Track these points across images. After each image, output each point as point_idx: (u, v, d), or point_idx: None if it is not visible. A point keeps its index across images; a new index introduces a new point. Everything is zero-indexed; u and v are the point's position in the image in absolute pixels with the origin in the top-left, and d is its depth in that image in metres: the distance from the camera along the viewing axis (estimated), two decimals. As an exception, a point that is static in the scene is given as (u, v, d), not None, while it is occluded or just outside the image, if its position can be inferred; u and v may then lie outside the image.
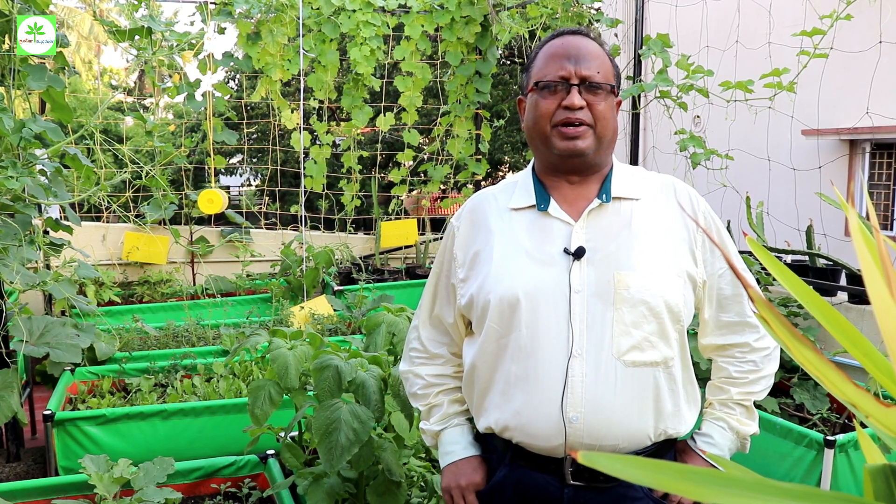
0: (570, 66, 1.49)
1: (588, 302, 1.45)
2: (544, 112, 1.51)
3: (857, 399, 0.57)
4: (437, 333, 1.73)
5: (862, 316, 3.50)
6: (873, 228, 0.61)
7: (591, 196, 1.54)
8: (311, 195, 6.36)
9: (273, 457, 2.94)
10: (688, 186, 1.59)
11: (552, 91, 1.50)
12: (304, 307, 4.97)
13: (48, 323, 3.59)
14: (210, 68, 5.63)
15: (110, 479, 2.39)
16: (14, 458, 3.60)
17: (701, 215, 1.55)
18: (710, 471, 0.56)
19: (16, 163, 3.13)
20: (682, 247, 1.51)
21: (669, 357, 1.47)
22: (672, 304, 1.45)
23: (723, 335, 1.58)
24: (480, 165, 6.60)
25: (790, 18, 5.13)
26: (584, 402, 1.42)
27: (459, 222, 1.66)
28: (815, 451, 2.71)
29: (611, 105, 1.52)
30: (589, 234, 1.49)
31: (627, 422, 1.44)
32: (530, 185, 1.58)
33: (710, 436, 1.58)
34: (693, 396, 1.56)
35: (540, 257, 1.49)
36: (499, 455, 1.57)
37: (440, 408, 1.70)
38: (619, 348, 1.43)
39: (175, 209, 5.79)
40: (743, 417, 1.59)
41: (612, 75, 1.54)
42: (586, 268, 1.46)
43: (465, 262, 1.61)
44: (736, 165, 4.20)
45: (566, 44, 1.52)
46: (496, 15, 5.70)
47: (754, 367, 1.57)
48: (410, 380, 1.75)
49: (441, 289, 1.70)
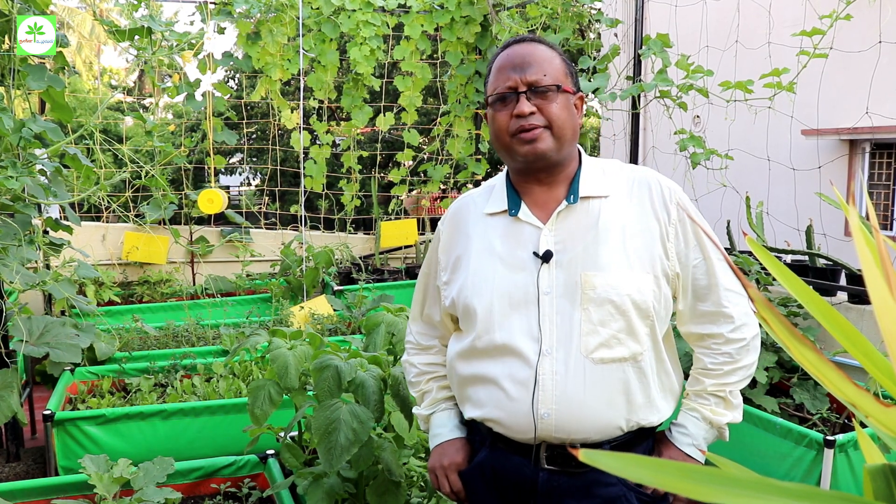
0: (516, 74, 1.54)
1: (556, 303, 1.51)
2: (501, 125, 1.56)
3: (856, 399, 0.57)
4: (428, 328, 1.84)
5: (862, 316, 3.50)
6: (873, 228, 0.61)
7: (560, 197, 1.58)
8: (310, 195, 6.36)
9: (273, 457, 2.95)
10: (660, 177, 1.60)
11: (504, 103, 1.56)
12: (303, 307, 4.97)
13: (48, 323, 3.59)
14: (210, 68, 5.64)
15: (110, 479, 2.39)
16: (14, 457, 3.60)
17: (674, 207, 1.56)
18: (711, 470, 0.56)
19: (16, 163, 3.13)
20: (653, 241, 1.53)
21: (638, 352, 1.51)
22: (639, 301, 1.49)
23: (700, 325, 1.60)
24: (480, 165, 6.60)
25: (790, 18, 5.13)
26: (554, 398, 1.48)
27: (444, 226, 1.74)
28: (815, 450, 2.72)
29: (565, 104, 1.55)
30: (558, 237, 1.54)
31: (597, 416, 1.49)
32: (503, 190, 1.64)
33: (685, 426, 1.61)
34: (669, 386, 1.60)
35: (512, 262, 1.56)
36: (481, 437, 1.66)
37: (430, 393, 1.80)
38: (587, 346, 1.48)
39: (175, 209, 5.79)
40: (717, 408, 1.60)
41: (562, 74, 1.57)
42: (555, 270, 1.52)
43: (447, 265, 1.70)
44: (736, 165, 4.20)
45: (511, 54, 1.58)
46: (496, 15, 5.70)
47: (729, 359, 1.58)
48: (407, 368, 1.87)
49: (430, 290, 1.79)
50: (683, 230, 1.56)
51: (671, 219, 1.55)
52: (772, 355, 3.24)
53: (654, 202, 1.56)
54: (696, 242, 1.56)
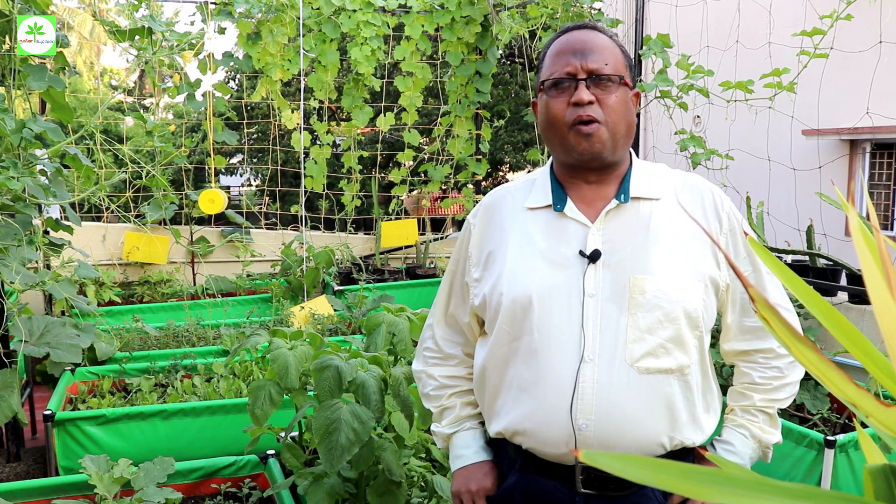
0: (576, 60, 1.44)
1: (602, 306, 1.40)
2: (556, 113, 1.45)
3: (857, 399, 0.57)
4: (452, 333, 1.70)
5: (862, 316, 3.50)
6: (873, 228, 0.61)
7: (609, 196, 1.49)
8: (311, 195, 6.36)
9: (273, 457, 2.94)
10: (712, 186, 1.53)
11: (560, 89, 1.45)
12: (304, 307, 4.97)
13: (48, 323, 3.59)
14: (210, 68, 5.63)
15: (110, 479, 2.39)
16: (14, 458, 3.60)
17: (725, 218, 1.49)
18: (712, 470, 0.56)
19: (16, 163, 3.13)
20: (705, 249, 1.45)
21: (686, 364, 1.42)
22: (690, 310, 1.40)
23: (746, 340, 1.52)
24: (481, 165, 6.60)
25: (790, 18, 5.13)
26: (594, 409, 1.38)
27: (476, 220, 1.62)
28: (816, 451, 2.71)
29: (623, 98, 1.46)
30: (605, 236, 1.44)
31: (639, 430, 1.39)
32: (548, 184, 1.53)
33: (731, 443, 1.53)
34: (712, 405, 1.51)
35: (555, 259, 1.45)
36: (510, 460, 1.54)
37: (452, 410, 1.66)
38: (633, 354, 1.38)
39: (175, 209, 5.79)
40: (765, 425, 1.53)
41: (623, 67, 1.48)
42: (601, 271, 1.42)
43: (479, 261, 1.57)
44: (736, 165, 4.20)
45: (571, 39, 1.48)
46: (496, 15, 5.70)
47: (779, 374, 1.51)
48: (423, 380, 1.71)
49: (456, 287, 1.66)
50: (734, 241, 1.49)
51: (722, 228, 1.48)
52: (772, 355, 3.23)
53: (706, 210, 1.49)
54: (747, 254, 1.50)
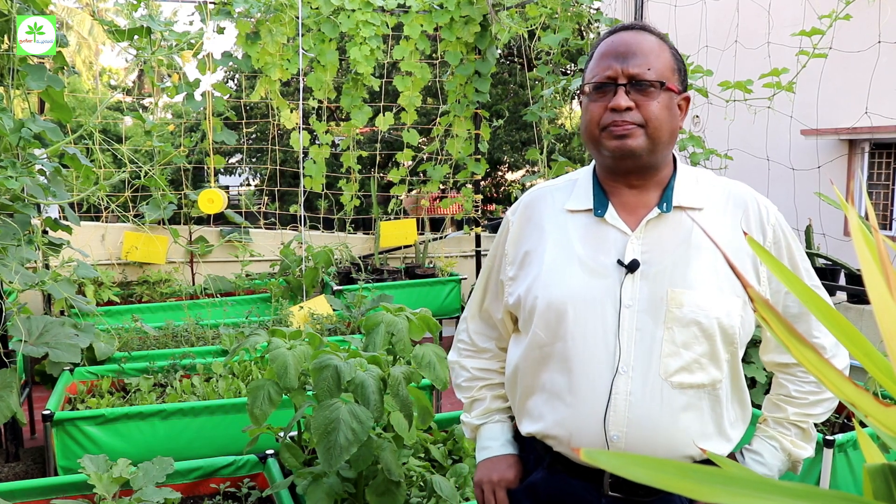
0: (618, 64, 1.40)
1: (638, 318, 1.39)
2: (593, 116, 1.43)
3: (856, 398, 0.57)
4: (486, 327, 1.70)
5: (861, 315, 3.50)
6: (872, 228, 0.61)
7: (651, 204, 1.46)
8: (310, 195, 6.36)
9: (272, 457, 2.94)
10: (758, 196, 1.49)
11: (601, 93, 1.43)
12: (303, 307, 4.96)
13: (47, 323, 3.59)
14: (209, 68, 5.63)
15: (109, 479, 2.39)
16: (13, 457, 3.60)
17: (770, 230, 1.46)
18: (711, 469, 0.56)
19: (15, 162, 3.13)
20: (746, 262, 1.43)
21: (718, 380, 1.41)
22: (726, 326, 1.39)
23: (785, 353, 1.50)
24: (480, 165, 6.60)
25: (789, 18, 5.13)
26: (626, 421, 1.38)
27: (514, 217, 1.60)
28: (815, 450, 2.71)
29: (666, 104, 1.41)
30: (645, 246, 1.42)
31: (669, 443, 1.39)
32: (589, 186, 1.51)
33: (761, 454, 1.53)
34: (741, 415, 1.50)
35: (592, 266, 1.43)
36: (537, 456, 1.55)
37: (482, 402, 1.68)
38: (667, 369, 1.38)
39: (174, 209, 5.79)
40: (797, 439, 1.53)
41: (668, 70, 1.43)
42: (639, 282, 1.40)
43: (515, 259, 1.56)
44: (735, 165, 4.20)
45: (616, 41, 1.44)
46: (495, 15, 5.70)
47: (815, 388, 1.49)
48: (456, 370, 1.74)
49: (492, 283, 1.66)
50: (779, 253, 1.46)
51: (766, 240, 1.45)
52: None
53: (751, 221, 1.46)
54: (791, 267, 1.47)
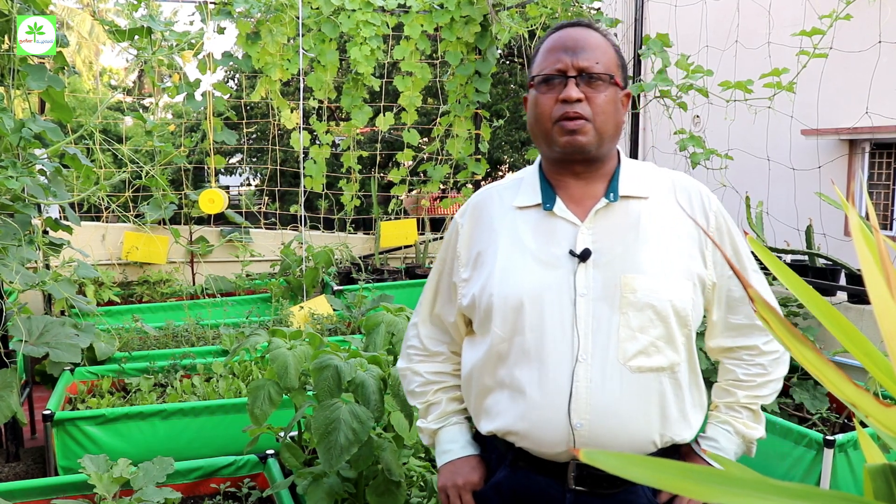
0: (567, 57, 1.44)
1: (593, 306, 1.41)
2: (543, 108, 1.46)
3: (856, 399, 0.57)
4: (438, 332, 1.70)
5: (861, 316, 3.50)
6: (873, 228, 0.61)
7: (599, 195, 1.49)
8: (310, 195, 6.36)
9: (272, 457, 2.94)
10: (699, 185, 1.54)
11: (550, 85, 1.46)
12: (303, 307, 4.97)
13: (47, 323, 3.59)
14: (210, 68, 5.63)
15: (110, 479, 2.39)
16: (13, 457, 3.60)
17: (713, 216, 1.51)
18: (711, 469, 0.56)
19: (15, 163, 3.13)
20: (692, 247, 1.47)
21: (676, 362, 1.43)
22: (679, 308, 1.42)
23: (731, 337, 1.54)
24: (480, 165, 6.60)
25: (790, 18, 5.13)
26: (589, 408, 1.39)
27: (464, 219, 1.61)
28: (815, 450, 2.71)
29: (612, 98, 1.46)
30: (595, 236, 1.45)
31: (633, 429, 1.41)
32: (536, 182, 1.54)
33: (716, 440, 1.55)
34: (699, 401, 1.53)
35: (545, 259, 1.45)
36: (499, 455, 1.54)
37: (438, 405, 1.66)
38: (625, 353, 1.40)
39: (174, 209, 5.79)
40: (749, 421, 1.55)
41: (615, 66, 1.48)
42: (592, 270, 1.43)
43: (468, 261, 1.57)
44: (735, 165, 4.20)
45: (564, 36, 1.48)
46: (496, 15, 5.70)
47: (762, 371, 1.53)
48: (408, 377, 1.71)
49: (443, 287, 1.66)
50: (720, 239, 1.50)
51: (710, 226, 1.49)
52: (771, 355, 3.23)
53: (694, 209, 1.50)
54: (733, 252, 1.52)
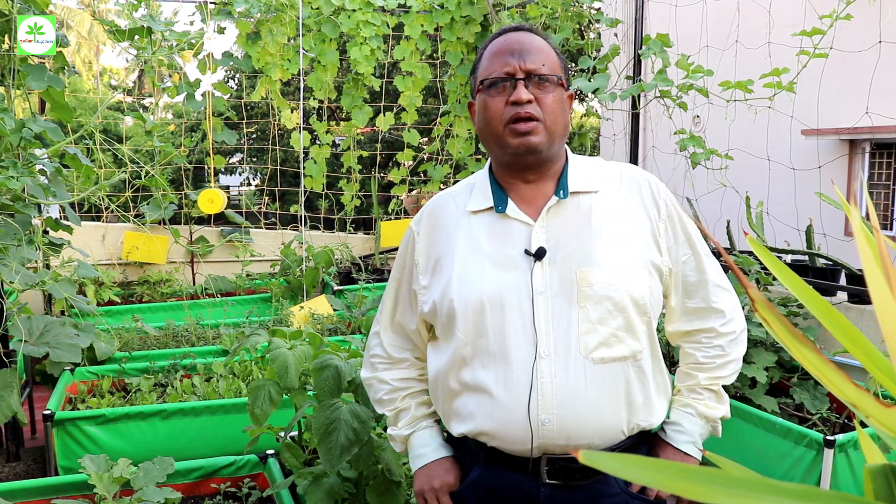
0: (515, 61, 1.47)
1: (552, 302, 1.44)
2: (494, 112, 1.48)
3: (857, 399, 0.57)
4: (400, 339, 1.71)
5: (861, 316, 3.50)
6: (874, 228, 0.61)
7: (549, 193, 1.52)
8: (310, 195, 6.36)
9: (273, 457, 2.94)
10: (648, 174, 1.58)
11: (499, 89, 1.48)
12: (303, 307, 4.97)
13: (48, 323, 3.59)
14: (210, 68, 5.63)
15: (110, 479, 2.39)
16: (14, 457, 3.60)
17: (663, 204, 1.53)
18: (711, 470, 0.56)
19: (16, 162, 3.13)
20: (646, 236, 1.50)
21: (638, 350, 1.46)
22: (637, 297, 1.45)
23: (689, 321, 1.58)
24: (480, 165, 6.60)
25: (790, 18, 5.13)
26: (555, 403, 1.41)
27: (419, 227, 1.64)
28: (815, 450, 2.72)
29: (559, 98, 1.49)
30: (549, 233, 1.48)
31: (600, 419, 1.43)
32: (487, 186, 1.56)
33: (680, 423, 1.58)
34: (663, 386, 1.56)
35: (501, 261, 1.48)
36: (472, 455, 1.56)
37: (407, 412, 1.68)
38: (587, 346, 1.42)
39: (175, 209, 5.79)
40: (711, 402, 1.58)
41: (558, 68, 1.51)
42: (548, 268, 1.45)
43: (427, 268, 1.59)
44: (736, 165, 4.20)
45: (509, 40, 1.51)
46: (496, 15, 5.70)
47: (721, 352, 1.57)
48: (374, 386, 1.72)
49: (402, 295, 1.68)
50: (672, 226, 1.53)
51: (661, 214, 1.52)
52: (772, 355, 3.24)
53: (644, 198, 1.53)
54: (685, 238, 1.54)
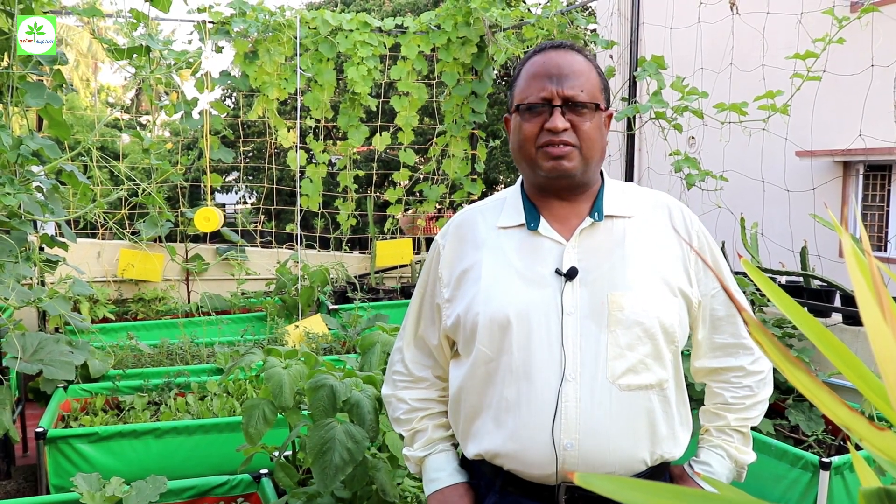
0: (552, 86, 1.43)
1: (581, 324, 1.40)
2: (528, 135, 1.45)
3: (850, 422, 0.58)
4: (422, 355, 1.67)
5: (856, 337, 3.51)
6: (866, 252, 0.62)
7: (583, 214, 1.49)
8: (306, 214, 6.37)
9: (267, 476, 2.92)
10: (681, 204, 1.55)
11: (535, 112, 1.45)
12: (298, 326, 4.96)
13: (42, 339, 3.57)
14: (207, 86, 5.66)
15: (102, 498, 2.38)
16: (5, 475, 3.58)
17: (695, 235, 1.51)
18: (706, 493, 0.56)
19: (13, 179, 3.13)
20: (677, 265, 1.47)
21: (664, 379, 1.43)
22: (667, 325, 1.41)
23: (717, 357, 1.54)
24: (476, 185, 6.62)
25: (783, 41, 5.17)
26: (578, 428, 1.37)
27: (445, 240, 1.61)
28: (811, 472, 2.71)
29: (597, 124, 1.46)
30: (581, 254, 1.45)
31: (623, 447, 1.39)
32: (519, 203, 1.53)
33: (709, 464, 1.54)
34: (686, 418, 1.53)
35: (531, 277, 1.44)
36: (487, 481, 1.52)
37: (424, 433, 1.64)
38: (614, 372, 1.38)
39: (170, 227, 5.79)
40: (741, 445, 1.55)
41: (598, 91, 1.48)
42: (579, 289, 1.42)
43: (450, 281, 1.55)
44: (730, 186, 4.22)
45: (548, 62, 1.46)
46: (492, 36, 5.75)
47: (750, 392, 1.53)
48: (393, 404, 1.69)
49: (426, 309, 1.64)
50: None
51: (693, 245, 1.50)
52: (767, 376, 3.23)
53: (677, 227, 1.50)
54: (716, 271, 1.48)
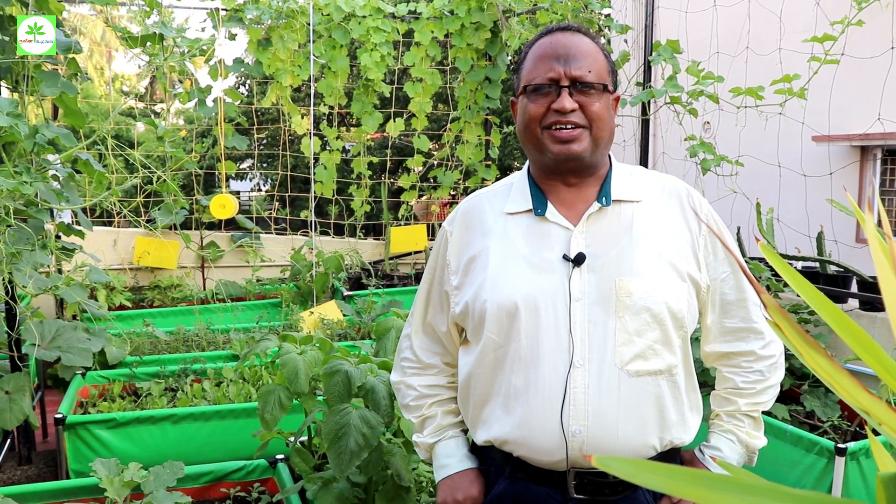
0: (560, 66, 1.41)
1: (589, 310, 1.39)
2: (533, 115, 1.44)
3: (869, 406, 0.57)
4: (430, 342, 1.67)
5: (873, 323, 3.48)
6: (886, 235, 0.61)
7: (590, 199, 1.47)
8: (321, 200, 6.38)
9: (283, 461, 2.95)
10: (690, 188, 1.53)
11: (542, 93, 1.43)
12: (313, 312, 4.97)
13: (60, 327, 3.61)
14: (221, 74, 5.66)
15: (121, 483, 2.40)
16: (26, 461, 3.62)
17: (704, 218, 1.49)
18: (723, 476, 0.56)
19: (29, 168, 3.15)
20: (686, 250, 1.45)
21: (673, 365, 1.42)
22: (675, 310, 1.40)
23: (727, 342, 1.53)
24: (490, 171, 6.61)
25: (801, 24, 5.11)
26: (586, 414, 1.37)
27: (452, 227, 1.59)
28: (826, 458, 2.70)
29: (606, 104, 1.44)
30: (589, 240, 1.43)
31: (632, 433, 1.39)
32: (526, 188, 1.51)
33: (720, 448, 1.53)
34: (696, 403, 1.51)
35: (538, 264, 1.43)
36: (497, 467, 1.52)
37: (433, 419, 1.64)
38: (622, 358, 1.38)
39: (186, 214, 5.82)
40: (751, 430, 1.54)
41: (605, 72, 1.46)
42: (587, 275, 1.40)
43: (458, 268, 1.54)
44: (746, 171, 4.18)
45: (555, 42, 1.45)
46: (506, 21, 5.71)
47: (761, 377, 1.52)
48: (402, 391, 1.68)
49: (434, 296, 1.64)
50: (712, 242, 1.48)
51: (702, 230, 1.47)
52: (783, 362, 3.22)
53: (685, 211, 1.48)
54: (725, 255, 1.49)
